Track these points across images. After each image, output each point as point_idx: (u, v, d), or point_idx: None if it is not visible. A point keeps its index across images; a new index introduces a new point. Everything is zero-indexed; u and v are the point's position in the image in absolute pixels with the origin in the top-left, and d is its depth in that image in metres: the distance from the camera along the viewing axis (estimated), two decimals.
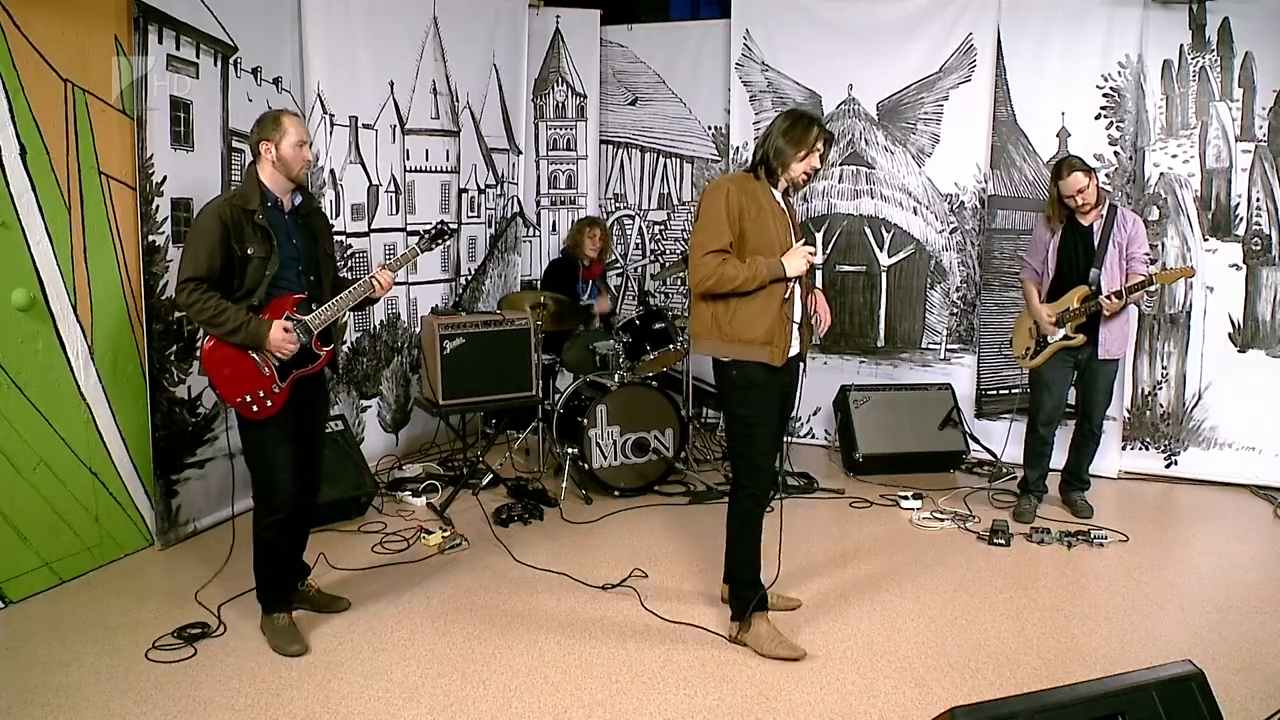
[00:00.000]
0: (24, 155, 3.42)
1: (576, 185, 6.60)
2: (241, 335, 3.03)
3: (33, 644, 3.20)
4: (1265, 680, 3.05)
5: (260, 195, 3.10)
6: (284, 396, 3.15)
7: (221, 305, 3.02)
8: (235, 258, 3.05)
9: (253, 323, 3.04)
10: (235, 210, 3.05)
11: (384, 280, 3.30)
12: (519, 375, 4.77)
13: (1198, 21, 5.03)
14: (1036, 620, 3.50)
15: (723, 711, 2.87)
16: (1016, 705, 1.96)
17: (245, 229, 3.05)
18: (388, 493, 4.78)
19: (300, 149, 3.12)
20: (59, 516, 3.64)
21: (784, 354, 3.14)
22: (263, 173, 3.13)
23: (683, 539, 4.28)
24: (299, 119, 3.19)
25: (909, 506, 4.74)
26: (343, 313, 3.30)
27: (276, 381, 3.14)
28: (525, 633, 3.36)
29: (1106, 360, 4.40)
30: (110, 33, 3.72)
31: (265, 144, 3.10)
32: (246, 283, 3.08)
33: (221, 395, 3.10)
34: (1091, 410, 4.53)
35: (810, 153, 3.13)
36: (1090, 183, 4.27)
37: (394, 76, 5.24)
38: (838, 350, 6.03)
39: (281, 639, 3.23)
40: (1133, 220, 4.36)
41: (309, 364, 3.22)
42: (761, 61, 5.96)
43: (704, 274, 3.07)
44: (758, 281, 3.06)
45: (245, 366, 3.09)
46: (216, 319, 3.01)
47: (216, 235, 3.00)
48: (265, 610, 3.31)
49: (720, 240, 3.06)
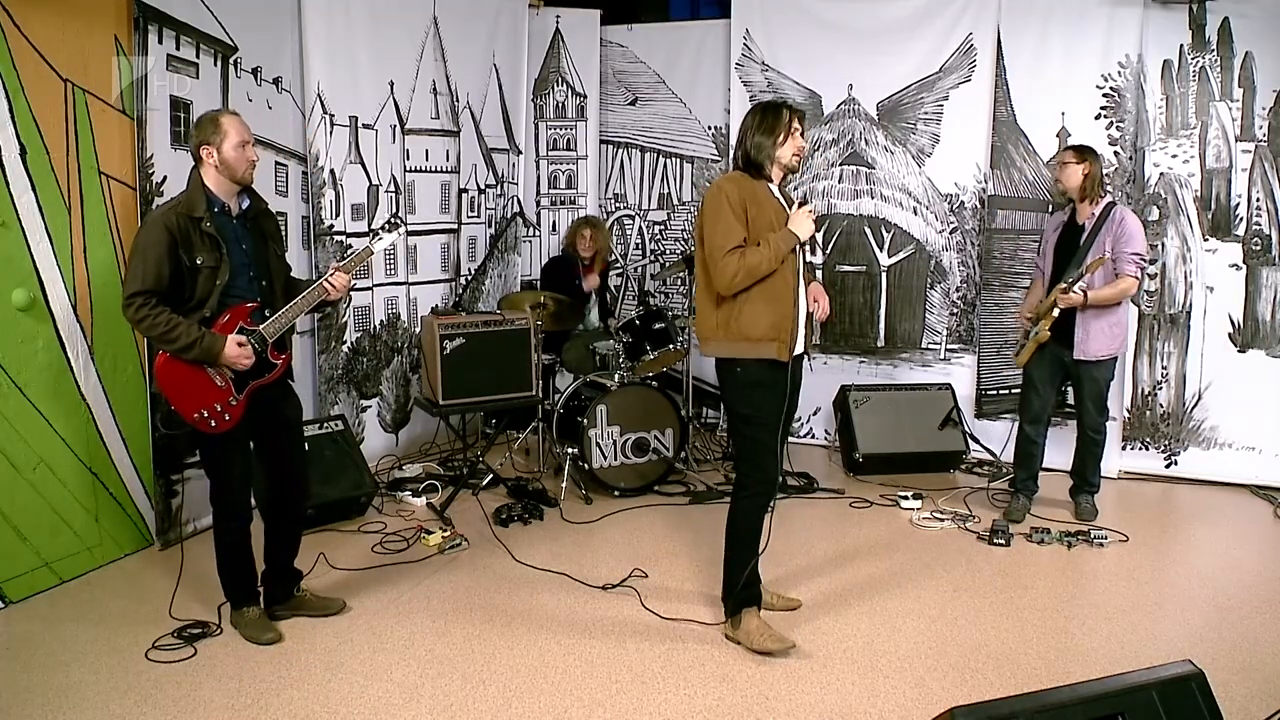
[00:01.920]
0: (24, 155, 3.42)
1: (576, 185, 6.60)
2: (195, 352, 2.93)
3: (33, 644, 3.20)
4: (1265, 680, 3.05)
5: (206, 201, 2.99)
6: (241, 409, 3.08)
7: (173, 321, 2.91)
8: (184, 268, 2.94)
9: (205, 339, 2.94)
10: (181, 218, 2.94)
11: (338, 282, 3.19)
12: (519, 375, 4.77)
13: (1198, 21, 5.03)
14: (1036, 620, 3.50)
15: (723, 711, 2.87)
16: (1016, 705, 1.96)
17: (193, 237, 2.94)
18: (388, 493, 4.78)
19: (243, 149, 3.01)
20: (59, 516, 3.64)
21: (791, 350, 3.15)
22: (206, 177, 3.02)
23: (683, 539, 4.28)
24: (238, 118, 3.06)
25: (909, 506, 4.74)
26: (297, 318, 3.20)
27: (233, 394, 3.06)
28: (525, 633, 3.36)
29: (1086, 361, 4.30)
30: (110, 33, 3.72)
31: (206, 148, 2.99)
32: (197, 294, 2.98)
33: (177, 411, 3.00)
34: (1080, 414, 4.48)
35: (789, 135, 3.14)
36: (1079, 166, 4.24)
37: (394, 76, 5.24)
38: (838, 350, 6.03)
39: (254, 629, 3.27)
40: (1122, 218, 4.25)
41: (265, 373, 3.13)
42: (761, 61, 5.96)
43: (730, 272, 3.06)
44: (779, 256, 3.07)
45: (200, 381, 3.00)
46: (168, 335, 2.91)
47: (164, 245, 2.89)
48: (234, 607, 3.33)
49: (735, 237, 3.07)
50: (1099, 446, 4.55)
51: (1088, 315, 4.25)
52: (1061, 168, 4.34)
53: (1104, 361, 4.34)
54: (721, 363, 3.21)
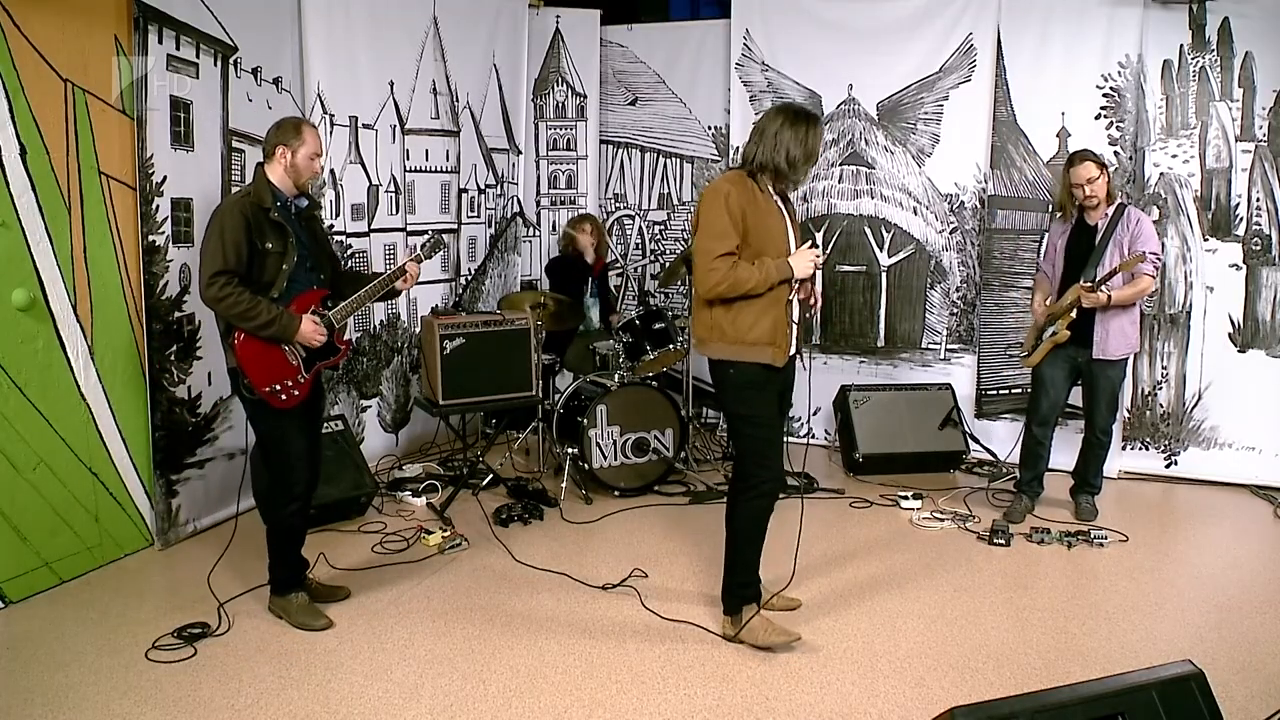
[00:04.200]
0: (24, 155, 3.42)
1: (576, 185, 6.60)
2: (274, 329, 3.14)
3: (33, 644, 3.20)
4: (1265, 680, 3.05)
5: (272, 195, 3.21)
6: (308, 386, 3.28)
7: (255, 300, 3.10)
8: (256, 251, 3.14)
9: (284, 317, 3.15)
10: (252, 207, 3.15)
11: (414, 271, 3.43)
12: (519, 375, 4.77)
13: (1198, 21, 5.03)
14: (1036, 620, 3.50)
15: (723, 711, 2.87)
16: (1016, 705, 1.96)
17: (264, 225, 3.16)
18: (388, 493, 4.78)
19: (313, 161, 3.26)
20: (59, 516, 3.64)
21: (786, 354, 3.15)
22: (272, 174, 3.24)
23: (683, 539, 4.28)
24: (316, 132, 3.31)
25: (909, 506, 4.74)
26: (365, 305, 3.44)
27: (302, 372, 3.26)
28: (525, 633, 3.36)
29: (1103, 361, 4.30)
30: (110, 33, 3.72)
31: (282, 148, 3.21)
32: (266, 275, 3.18)
33: (253, 383, 3.18)
34: (1092, 414, 4.48)
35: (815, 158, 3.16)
36: (1101, 176, 4.23)
37: (394, 76, 5.24)
38: (838, 350, 6.03)
39: (305, 616, 3.34)
40: (1138, 219, 4.27)
41: (330, 356, 3.34)
42: (761, 61, 5.96)
43: (715, 279, 3.02)
44: (769, 283, 3.04)
45: (275, 356, 3.20)
46: (250, 313, 3.09)
47: (241, 229, 3.10)
48: (281, 592, 3.39)
49: (728, 243, 3.02)
50: (1105, 449, 4.55)
51: (1108, 314, 4.25)
52: (1090, 183, 4.22)
53: (1120, 361, 4.36)
54: (716, 363, 3.20)
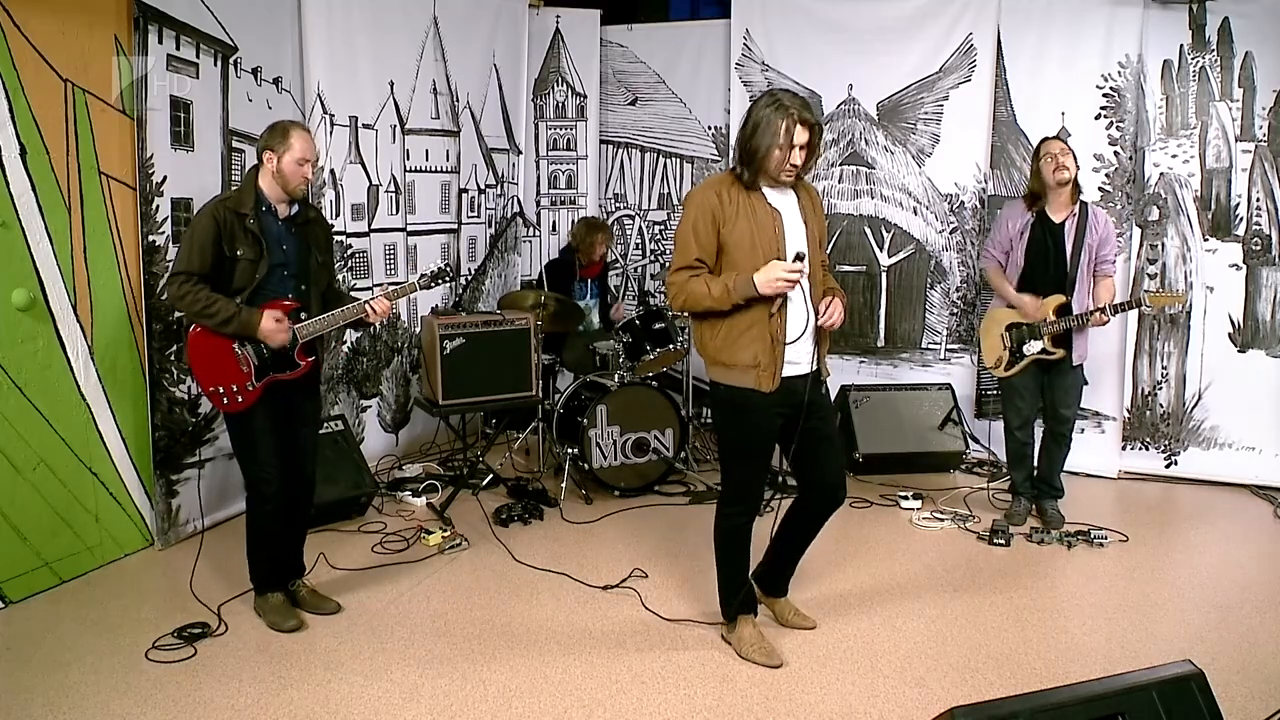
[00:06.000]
0: (24, 155, 3.42)
1: (576, 185, 6.60)
2: (234, 325, 3.10)
3: (33, 644, 3.20)
4: (1265, 680, 3.05)
5: (255, 200, 3.16)
6: (255, 396, 3.20)
7: (213, 297, 3.09)
8: (224, 257, 3.11)
9: (244, 312, 3.12)
10: (228, 212, 3.12)
11: (379, 308, 3.33)
12: (519, 375, 4.77)
13: (1198, 21, 5.03)
14: (1036, 620, 3.50)
15: (723, 711, 2.87)
16: (1016, 705, 1.95)
17: (236, 231, 3.12)
18: (388, 493, 4.78)
19: (301, 166, 3.16)
20: (59, 516, 3.64)
21: (774, 378, 2.90)
22: (261, 179, 3.19)
23: (683, 539, 4.28)
24: (308, 136, 3.22)
25: (909, 506, 4.74)
26: (331, 329, 3.34)
27: (251, 380, 3.19)
28: (525, 633, 3.36)
29: (1076, 365, 4.32)
30: (110, 33, 3.72)
31: (269, 153, 3.16)
32: (236, 282, 3.15)
33: (196, 379, 3.20)
34: (1063, 409, 4.38)
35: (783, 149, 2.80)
36: (1071, 154, 4.21)
37: (394, 76, 5.24)
38: (838, 350, 6.02)
39: (277, 615, 3.31)
40: (1104, 221, 4.26)
41: (286, 370, 3.25)
42: (761, 61, 5.96)
43: (673, 292, 2.95)
44: (730, 301, 2.83)
45: (225, 359, 3.17)
46: (208, 310, 3.08)
47: (209, 234, 3.08)
48: (258, 591, 3.38)
49: (686, 256, 2.90)
50: (1068, 444, 4.49)
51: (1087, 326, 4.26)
52: (1063, 154, 4.16)
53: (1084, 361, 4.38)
54: (709, 380, 3.05)
